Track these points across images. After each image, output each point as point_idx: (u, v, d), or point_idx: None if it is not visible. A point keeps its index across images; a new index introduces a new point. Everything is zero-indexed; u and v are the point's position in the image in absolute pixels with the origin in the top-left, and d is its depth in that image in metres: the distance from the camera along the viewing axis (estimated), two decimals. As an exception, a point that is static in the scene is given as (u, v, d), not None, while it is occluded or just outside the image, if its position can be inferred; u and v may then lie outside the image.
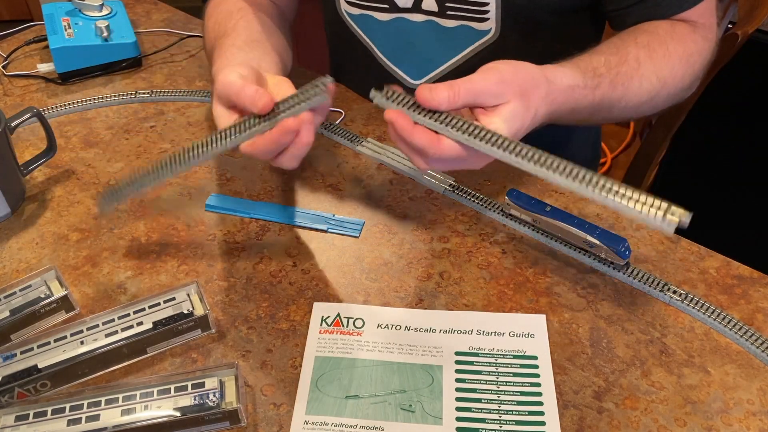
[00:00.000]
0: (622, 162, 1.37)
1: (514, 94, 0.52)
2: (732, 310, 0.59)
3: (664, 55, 0.65)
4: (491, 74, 0.52)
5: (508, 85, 0.52)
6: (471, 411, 0.52)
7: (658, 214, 0.47)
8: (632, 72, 0.63)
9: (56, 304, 0.57)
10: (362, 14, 0.78)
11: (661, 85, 0.65)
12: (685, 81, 0.67)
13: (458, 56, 0.78)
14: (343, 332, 0.57)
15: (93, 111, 0.83)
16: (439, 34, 0.76)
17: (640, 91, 0.64)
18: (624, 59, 0.63)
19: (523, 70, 0.54)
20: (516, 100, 0.52)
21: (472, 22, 0.73)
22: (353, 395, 0.53)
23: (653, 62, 0.64)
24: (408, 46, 0.79)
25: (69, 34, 0.87)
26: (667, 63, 0.65)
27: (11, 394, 0.51)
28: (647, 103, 0.66)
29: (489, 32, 0.74)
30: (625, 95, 0.63)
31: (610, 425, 0.51)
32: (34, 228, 0.67)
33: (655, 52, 0.64)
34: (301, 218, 0.67)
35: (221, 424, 0.50)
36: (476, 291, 0.61)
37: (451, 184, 0.71)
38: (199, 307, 0.56)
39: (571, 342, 0.57)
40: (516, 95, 0.52)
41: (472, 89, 0.51)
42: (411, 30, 0.76)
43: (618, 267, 0.62)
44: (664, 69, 0.65)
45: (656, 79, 0.64)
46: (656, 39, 0.65)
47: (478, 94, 0.52)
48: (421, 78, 0.82)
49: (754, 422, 0.51)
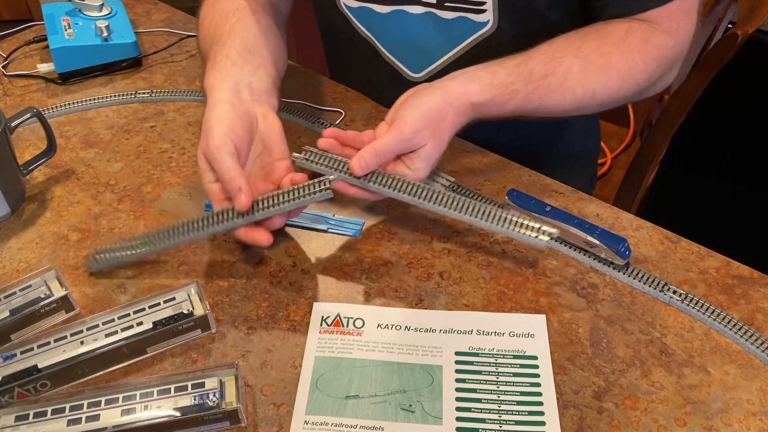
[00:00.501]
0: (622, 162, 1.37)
1: (428, 138, 0.61)
2: (732, 310, 0.59)
3: (600, 68, 0.66)
4: (406, 128, 0.60)
5: (421, 132, 0.61)
6: (471, 411, 0.52)
7: (540, 237, 0.59)
8: (556, 85, 0.65)
9: (56, 304, 0.57)
10: (361, 7, 0.78)
11: (590, 97, 0.67)
12: (621, 94, 0.68)
13: (457, 48, 0.78)
14: (343, 332, 0.57)
15: (93, 111, 0.83)
16: (438, 26, 0.76)
17: (563, 103, 0.66)
18: (552, 71, 0.65)
19: (428, 109, 0.61)
20: (431, 141, 0.62)
21: (470, 14, 0.74)
22: (353, 395, 0.53)
23: (585, 75, 0.66)
24: (407, 39, 0.79)
25: (69, 34, 0.87)
26: (600, 77, 0.66)
27: (11, 394, 0.51)
28: (573, 111, 0.68)
29: (487, 24, 0.74)
30: (542, 107, 0.66)
31: (610, 425, 0.51)
32: (34, 228, 0.67)
33: (591, 65, 0.66)
34: (301, 218, 0.67)
35: (221, 424, 0.50)
36: (476, 291, 0.61)
37: (451, 184, 0.71)
38: (199, 307, 0.56)
39: (571, 342, 0.57)
40: (429, 137, 0.61)
41: (392, 150, 0.61)
42: (410, 22, 0.77)
43: (618, 267, 0.62)
44: (596, 83, 0.66)
45: (583, 92, 0.66)
46: (600, 49, 0.66)
47: (400, 151, 0.61)
48: (421, 71, 0.82)
49: (754, 422, 0.51)
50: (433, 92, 0.62)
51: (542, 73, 0.65)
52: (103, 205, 0.69)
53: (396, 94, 0.65)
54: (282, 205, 0.58)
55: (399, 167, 0.63)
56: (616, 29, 0.67)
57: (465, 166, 0.74)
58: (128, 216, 0.68)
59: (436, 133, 0.62)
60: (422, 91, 0.63)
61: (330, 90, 0.86)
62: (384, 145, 0.60)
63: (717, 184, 1.43)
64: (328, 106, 0.83)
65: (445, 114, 0.62)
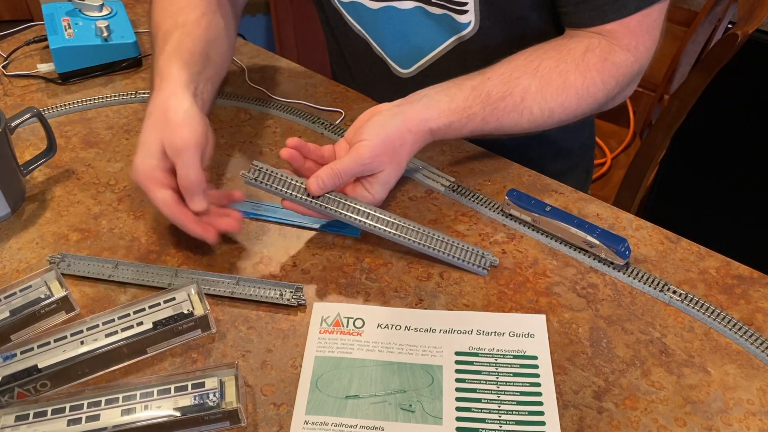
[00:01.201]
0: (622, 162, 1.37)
1: (387, 163, 0.63)
2: (732, 310, 0.59)
3: (558, 87, 0.67)
4: (365, 151, 0.61)
5: (380, 158, 0.62)
6: (471, 411, 0.52)
7: (482, 261, 0.62)
8: (513, 106, 0.66)
9: (56, 305, 0.57)
10: (353, 2, 0.78)
11: (548, 115, 0.68)
12: (579, 111, 0.69)
13: (443, 45, 0.78)
14: (343, 332, 0.57)
15: (93, 111, 0.83)
16: (427, 20, 0.76)
17: (520, 121, 0.67)
18: (509, 92, 0.66)
19: (386, 135, 0.62)
20: (389, 166, 0.63)
21: (453, 13, 0.74)
22: (353, 395, 0.53)
23: (543, 95, 0.67)
24: (397, 34, 0.79)
25: (69, 34, 0.87)
26: (558, 96, 0.67)
27: (11, 394, 0.51)
28: (530, 130, 0.69)
29: (468, 25, 0.74)
30: (499, 128, 0.67)
31: (610, 425, 0.51)
32: (34, 228, 0.67)
33: (549, 85, 0.67)
34: (301, 218, 0.67)
35: (221, 424, 0.50)
36: (476, 291, 0.61)
37: (451, 184, 0.71)
38: (199, 307, 0.56)
39: (571, 342, 0.57)
40: (388, 162, 0.63)
41: (350, 173, 0.62)
42: (400, 17, 0.77)
43: (618, 267, 0.62)
44: (553, 102, 0.67)
45: (540, 111, 0.67)
46: (558, 68, 0.67)
47: (358, 173, 0.62)
48: (409, 67, 0.82)
49: (754, 422, 0.51)
50: (393, 117, 0.63)
51: (499, 95, 0.66)
52: (103, 205, 0.69)
53: (386, 90, 0.65)
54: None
55: (358, 190, 0.64)
56: (576, 47, 0.68)
57: (465, 166, 0.74)
58: (128, 216, 0.68)
59: (394, 158, 0.63)
60: (383, 114, 0.63)
61: (330, 90, 0.86)
62: (343, 167, 0.61)
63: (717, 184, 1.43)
64: (328, 106, 0.83)
65: (404, 140, 0.63)
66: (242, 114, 0.82)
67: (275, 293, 0.59)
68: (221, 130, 0.79)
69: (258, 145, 0.77)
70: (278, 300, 0.59)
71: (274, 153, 0.76)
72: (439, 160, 0.75)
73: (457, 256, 0.62)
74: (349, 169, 0.61)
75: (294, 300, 0.59)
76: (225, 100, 0.84)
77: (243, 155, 0.76)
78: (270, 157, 0.75)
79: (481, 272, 0.62)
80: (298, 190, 0.61)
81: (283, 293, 0.59)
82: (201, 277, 0.61)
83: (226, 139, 0.78)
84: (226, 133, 0.79)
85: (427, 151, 0.76)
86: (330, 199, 0.62)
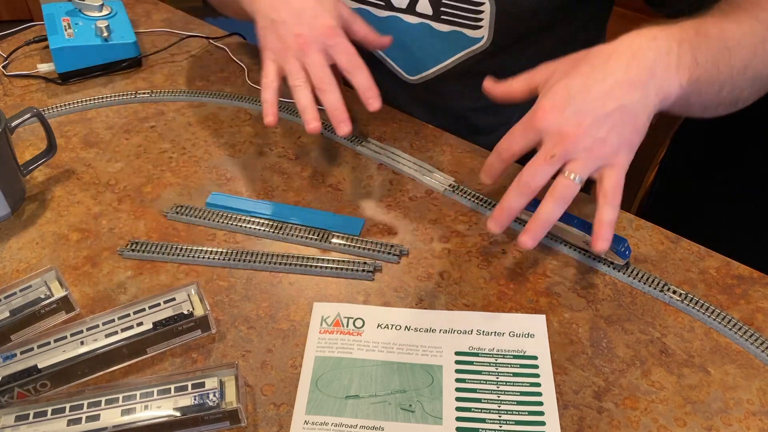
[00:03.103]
0: (622, 162, 1.36)
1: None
2: (732, 310, 0.59)
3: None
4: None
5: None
6: (471, 411, 0.52)
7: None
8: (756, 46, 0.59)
9: (56, 305, 0.57)
10: (359, 8, 0.78)
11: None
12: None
13: (449, 60, 0.78)
14: (343, 332, 0.57)
15: (93, 111, 0.83)
16: (432, 38, 0.76)
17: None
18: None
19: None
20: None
21: (465, 29, 0.74)
22: (353, 395, 0.53)
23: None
24: (402, 45, 0.79)
25: (69, 34, 0.87)
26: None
27: (11, 394, 0.51)
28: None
29: (481, 40, 0.74)
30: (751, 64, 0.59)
31: (610, 425, 0.51)
32: (34, 228, 0.67)
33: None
34: (301, 218, 0.67)
35: (221, 424, 0.50)
36: (476, 291, 0.61)
37: (451, 184, 0.71)
38: (199, 307, 0.56)
39: (571, 342, 0.57)
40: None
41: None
42: (405, 30, 0.77)
43: (618, 267, 0.62)
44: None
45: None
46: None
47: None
48: (415, 75, 0.82)
49: (754, 422, 0.51)
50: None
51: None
52: (103, 205, 0.69)
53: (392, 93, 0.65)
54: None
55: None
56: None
57: (465, 166, 0.74)
58: (128, 216, 0.68)
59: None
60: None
61: (330, 90, 0.86)
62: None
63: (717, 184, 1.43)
64: (328, 106, 0.83)
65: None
66: (242, 114, 0.82)
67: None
68: (221, 130, 0.79)
69: (258, 145, 0.77)
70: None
71: (274, 153, 0.76)
72: (439, 160, 0.75)
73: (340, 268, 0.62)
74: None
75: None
76: (225, 100, 0.84)
77: (243, 155, 0.76)
78: (270, 157, 0.75)
79: (369, 277, 0.61)
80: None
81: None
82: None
83: (226, 139, 0.78)
84: (226, 133, 0.79)
85: (427, 151, 0.76)
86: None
